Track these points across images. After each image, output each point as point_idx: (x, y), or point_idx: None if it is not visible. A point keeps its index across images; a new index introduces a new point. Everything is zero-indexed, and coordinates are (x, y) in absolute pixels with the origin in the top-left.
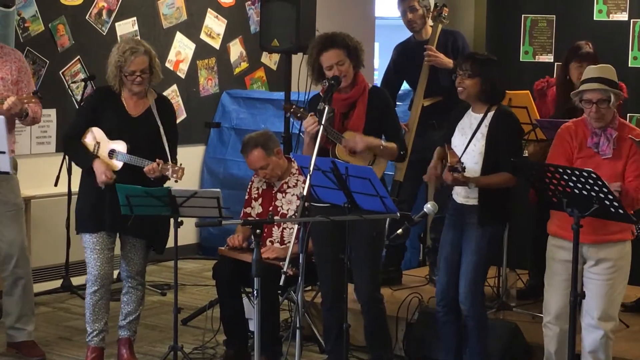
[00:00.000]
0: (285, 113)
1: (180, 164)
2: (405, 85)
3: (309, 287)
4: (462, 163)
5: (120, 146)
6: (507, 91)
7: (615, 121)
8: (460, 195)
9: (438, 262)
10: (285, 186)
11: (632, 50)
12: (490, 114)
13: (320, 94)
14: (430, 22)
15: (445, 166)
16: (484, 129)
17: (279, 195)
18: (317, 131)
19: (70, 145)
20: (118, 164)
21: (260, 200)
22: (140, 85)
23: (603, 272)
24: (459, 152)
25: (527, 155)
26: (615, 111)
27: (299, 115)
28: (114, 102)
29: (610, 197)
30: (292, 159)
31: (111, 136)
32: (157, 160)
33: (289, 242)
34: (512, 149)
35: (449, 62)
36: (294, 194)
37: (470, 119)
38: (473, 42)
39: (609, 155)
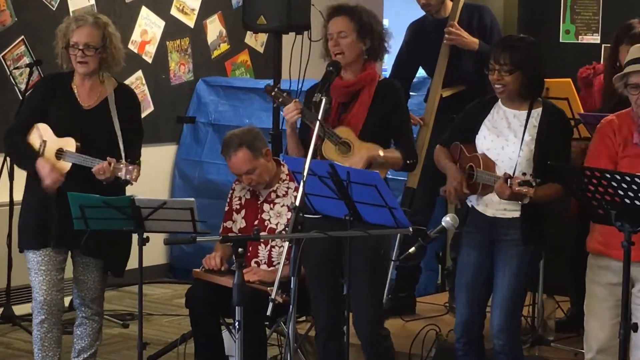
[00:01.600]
0: (268, 97)
1: (137, 162)
2: (421, 72)
3: (303, 318)
4: (532, 175)
5: (69, 144)
6: (545, 79)
7: None
8: (493, 206)
9: (457, 290)
10: (273, 195)
11: None
12: (537, 112)
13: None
14: None
15: (476, 173)
16: (532, 130)
17: (266, 207)
18: (296, 121)
19: (12, 144)
20: (66, 165)
21: (243, 212)
22: (84, 64)
23: None
24: (498, 157)
25: None
26: None
27: (280, 99)
28: (64, 92)
29: None
30: (282, 163)
31: (59, 132)
32: (108, 158)
33: (278, 263)
34: (566, 155)
35: (474, 42)
36: (283, 205)
37: (507, 117)
38: (503, 19)
39: None
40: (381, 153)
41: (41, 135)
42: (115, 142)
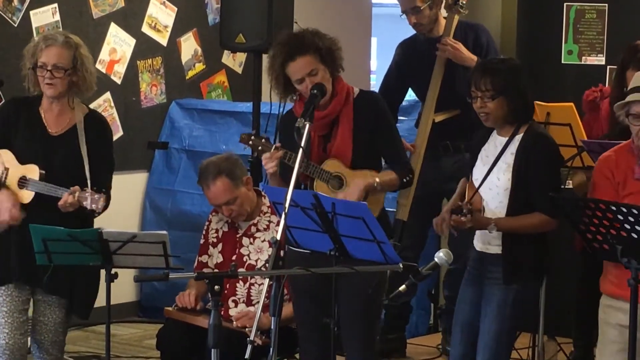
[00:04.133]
0: (245, 147)
1: (104, 190)
2: (411, 95)
3: None
4: (469, 205)
5: (32, 171)
6: (544, 103)
7: None
8: (480, 239)
9: (453, 326)
10: (253, 229)
11: None
12: (518, 138)
13: (293, 110)
14: (442, 12)
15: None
16: (509, 157)
17: (246, 241)
18: (276, 172)
19: None
20: (29, 195)
21: (220, 246)
22: (52, 87)
23: None
24: (484, 188)
25: (571, 187)
26: None
27: (260, 148)
28: (30, 116)
29: None
30: (263, 194)
31: (23, 159)
32: (72, 188)
33: (257, 302)
34: (549, 183)
35: (471, 58)
36: (264, 240)
37: (495, 144)
38: (500, 39)
39: None
40: (377, 179)
41: (3, 162)
42: (83, 171)
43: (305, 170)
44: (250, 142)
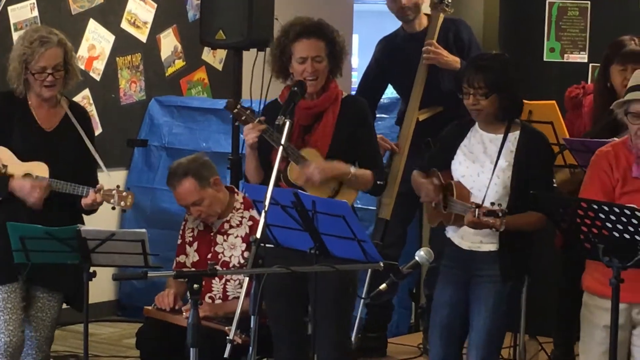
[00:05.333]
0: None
1: (128, 188)
2: (391, 92)
3: (264, 359)
4: (500, 205)
5: (40, 169)
6: (526, 101)
7: None
8: (469, 238)
9: (431, 329)
10: (226, 226)
11: None
12: (515, 136)
13: (279, 100)
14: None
15: (449, 203)
16: (509, 155)
17: (220, 238)
18: (254, 145)
19: None
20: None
21: (195, 244)
22: (51, 88)
23: None
24: (474, 185)
25: (555, 185)
26: None
27: (243, 118)
28: (21, 113)
29: None
30: (236, 191)
31: (23, 157)
32: (98, 186)
33: (234, 297)
34: (546, 182)
35: (455, 61)
36: (237, 236)
37: (482, 141)
38: (482, 36)
39: None
40: (352, 170)
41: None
42: (85, 164)
43: (283, 155)
44: (236, 110)
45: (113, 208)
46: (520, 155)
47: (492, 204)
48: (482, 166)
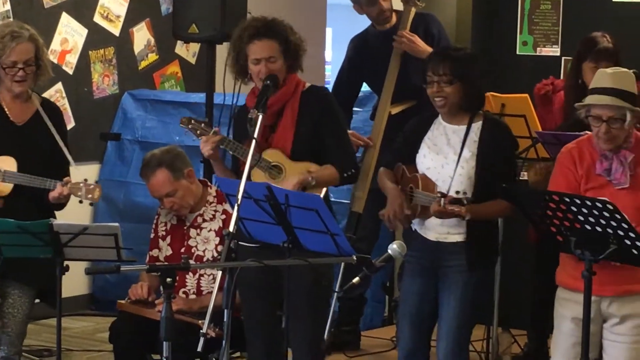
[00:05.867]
0: (185, 131)
1: (97, 182)
2: (366, 87)
3: (237, 354)
4: (465, 193)
5: (8, 163)
6: (499, 94)
7: (630, 139)
8: (435, 229)
9: (400, 319)
10: (199, 219)
11: None
12: (477, 126)
13: (247, 105)
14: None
15: (414, 195)
16: (472, 145)
17: (193, 232)
18: (212, 156)
19: None
20: (7, 187)
21: (169, 238)
22: (22, 83)
23: (630, 333)
24: (438, 177)
25: (526, 179)
26: (631, 127)
27: (199, 132)
28: None
29: (632, 235)
30: (209, 184)
31: None
32: (64, 179)
33: (208, 292)
34: (510, 171)
35: (427, 50)
36: (211, 230)
37: (446, 132)
38: (455, 29)
39: (625, 185)
40: (312, 175)
41: None
42: (55, 159)
43: (243, 158)
44: (190, 126)
45: (80, 202)
46: (483, 145)
47: (457, 192)
48: (445, 158)
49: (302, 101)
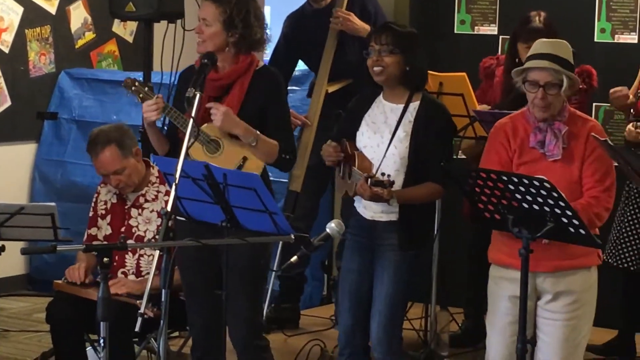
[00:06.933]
0: (127, 92)
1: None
2: (304, 65)
3: (176, 333)
4: (389, 175)
5: None
6: (437, 73)
7: (564, 113)
8: (371, 208)
9: (340, 296)
10: (142, 200)
11: (598, 20)
12: (414, 106)
13: (195, 65)
14: None
15: (352, 173)
16: (407, 125)
17: (134, 212)
18: (153, 123)
19: None
20: None
21: (109, 217)
22: None
23: (564, 310)
24: (372, 156)
25: (463, 157)
26: (565, 100)
27: (141, 95)
28: None
29: (569, 212)
30: (152, 165)
31: None
32: None
33: (147, 273)
34: (444, 153)
35: (364, 27)
36: (153, 210)
37: (385, 111)
38: (394, 8)
39: (558, 157)
40: (260, 135)
41: None
42: None
43: (184, 128)
44: (134, 88)
45: None
46: (418, 125)
47: (383, 174)
48: (382, 137)
49: (253, 80)
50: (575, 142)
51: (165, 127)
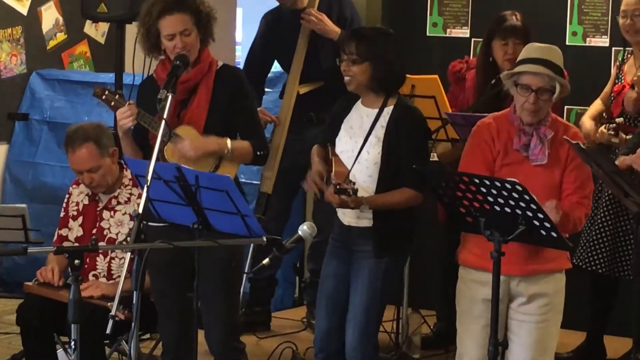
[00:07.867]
0: (98, 102)
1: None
2: (276, 67)
3: (147, 336)
4: (353, 183)
5: None
6: (409, 75)
7: (548, 117)
8: (347, 214)
9: (318, 301)
10: (114, 202)
11: (570, 24)
12: (388, 110)
13: (154, 75)
14: None
15: (330, 178)
16: (379, 130)
17: (106, 214)
18: (130, 128)
19: None
20: None
21: (80, 219)
22: None
23: (537, 312)
24: (348, 161)
25: (437, 159)
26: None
27: (112, 103)
28: None
29: (540, 215)
30: (125, 166)
31: None
32: None
33: (118, 276)
34: (418, 158)
35: (335, 30)
36: (125, 213)
37: (361, 116)
38: (366, 10)
39: (542, 162)
40: (229, 145)
41: None
42: None
43: (156, 132)
44: (104, 97)
45: None
46: (390, 130)
47: (349, 182)
48: (356, 142)
49: (217, 80)
50: (558, 148)
51: (132, 128)
